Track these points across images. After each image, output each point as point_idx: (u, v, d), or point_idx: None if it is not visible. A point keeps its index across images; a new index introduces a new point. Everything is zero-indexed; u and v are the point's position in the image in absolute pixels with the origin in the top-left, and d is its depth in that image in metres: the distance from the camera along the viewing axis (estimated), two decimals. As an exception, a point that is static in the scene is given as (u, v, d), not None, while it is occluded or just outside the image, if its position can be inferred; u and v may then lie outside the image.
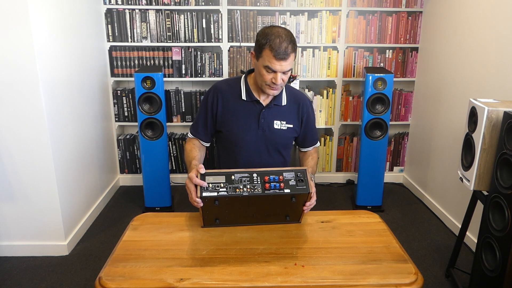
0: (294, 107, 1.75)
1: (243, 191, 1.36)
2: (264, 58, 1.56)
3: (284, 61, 1.53)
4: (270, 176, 1.38)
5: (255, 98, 1.69)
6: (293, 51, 1.55)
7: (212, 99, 1.73)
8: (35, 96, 2.37)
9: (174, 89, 3.58)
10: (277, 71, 1.55)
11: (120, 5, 3.38)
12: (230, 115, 1.71)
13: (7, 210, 2.56)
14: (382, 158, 3.22)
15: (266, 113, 1.69)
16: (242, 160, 1.74)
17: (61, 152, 2.62)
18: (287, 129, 1.73)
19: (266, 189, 1.36)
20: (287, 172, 1.38)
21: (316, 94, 3.62)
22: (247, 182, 1.38)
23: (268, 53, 1.53)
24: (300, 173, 1.37)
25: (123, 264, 1.30)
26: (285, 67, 1.55)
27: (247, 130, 1.70)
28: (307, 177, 1.37)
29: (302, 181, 1.36)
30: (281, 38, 1.52)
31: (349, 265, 1.29)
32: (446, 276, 2.44)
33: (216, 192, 1.36)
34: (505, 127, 1.76)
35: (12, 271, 2.49)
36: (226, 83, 1.77)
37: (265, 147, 1.73)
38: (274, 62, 1.53)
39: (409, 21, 3.52)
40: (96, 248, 2.76)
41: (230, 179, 1.39)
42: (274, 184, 1.36)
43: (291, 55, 1.54)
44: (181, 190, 3.64)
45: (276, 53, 1.52)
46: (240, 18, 3.43)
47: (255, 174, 1.39)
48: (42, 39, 2.40)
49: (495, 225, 1.83)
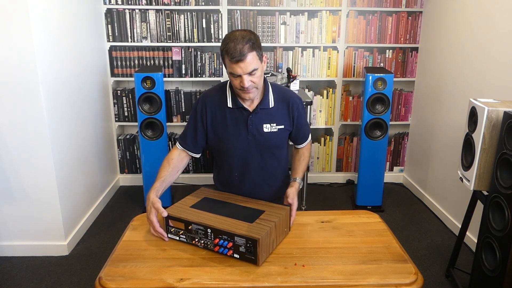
0: (283, 107, 1.72)
1: (199, 243, 1.38)
2: (226, 65, 1.55)
3: (242, 62, 1.49)
4: (221, 239, 1.32)
5: (240, 105, 1.67)
6: (251, 50, 1.50)
7: (200, 109, 1.72)
8: (35, 96, 2.37)
9: (174, 89, 3.58)
10: (240, 74, 1.52)
11: (120, 5, 3.38)
12: (219, 123, 1.71)
13: (7, 210, 2.56)
14: (382, 158, 3.22)
15: (254, 118, 1.67)
16: (236, 165, 1.74)
17: (61, 152, 2.62)
18: (278, 131, 1.71)
19: (215, 251, 1.34)
20: (239, 237, 1.29)
21: (316, 94, 3.62)
22: (202, 235, 1.37)
23: (227, 59, 1.52)
24: (250, 243, 1.26)
25: (123, 264, 1.30)
26: (245, 69, 1.51)
27: (237, 137, 1.69)
28: (257, 248, 1.26)
29: (251, 252, 1.27)
30: (236, 41, 1.49)
31: (349, 265, 1.29)
32: (446, 276, 2.44)
33: (178, 237, 1.44)
34: (505, 127, 1.76)
35: (12, 271, 2.49)
36: (213, 91, 1.75)
37: (258, 151, 1.71)
38: (233, 66, 1.51)
39: (409, 21, 3.52)
40: (96, 248, 2.76)
41: (188, 228, 1.40)
42: (223, 248, 1.32)
43: (248, 55, 1.49)
44: (181, 190, 3.64)
45: (231, 57, 1.49)
46: (240, 18, 3.43)
47: (209, 230, 1.34)
48: (42, 39, 2.40)
49: (495, 225, 1.83)
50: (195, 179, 3.80)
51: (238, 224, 1.35)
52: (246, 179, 1.75)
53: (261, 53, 1.57)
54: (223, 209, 1.48)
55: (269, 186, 1.78)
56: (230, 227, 1.33)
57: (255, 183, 1.75)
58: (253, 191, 1.73)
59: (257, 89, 1.61)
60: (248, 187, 1.75)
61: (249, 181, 1.75)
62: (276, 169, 1.78)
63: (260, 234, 1.28)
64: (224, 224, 1.35)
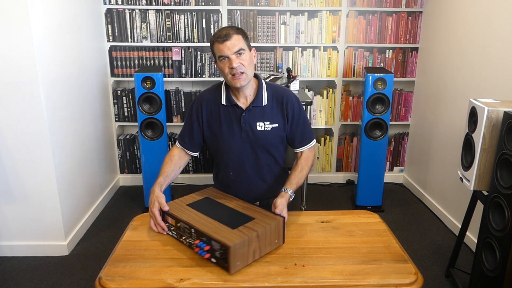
0: (277, 105, 1.71)
1: (185, 241, 1.40)
2: (215, 52, 1.60)
3: (228, 41, 1.55)
4: (201, 240, 1.32)
5: (234, 102, 1.68)
6: (237, 33, 1.58)
7: (196, 108, 1.75)
8: (35, 96, 2.37)
9: (174, 89, 3.58)
10: (227, 55, 1.56)
11: (120, 5, 3.38)
12: (214, 121, 1.72)
13: (7, 210, 2.56)
14: (382, 158, 3.22)
15: (247, 116, 1.68)
16: (232, 163, 1.75)
17: (61, 152, 2.62)
18: (271, 129, 1.69)
19: (195, 251, 1.34)
20: (215, 242, 1.26)
21: (316, 94, 3.62)
22: (187, 234, 1.39)
23: (215, 45, 1.59)
24: (223, 249, 1.24)
25: (123, 264, 1.30)
26: (232, 47, 1.56)
27: (231, 135, 1.70)
28: (229, 256, 1.22)
29: (224, 259, 1.24)
30: (222, 29, 1.59)
31: (349, 265, 1.29)
32: (446, 276, 2.44)
33: (171, 233, 1.47)
34: (505, 127, 1.76)
35: (12, 271, 2.49)
36: (209, 91, 1.78)
37: (252, 150, 1.71)
38: (220, 47, 1.56)
39: (409, 21, 3.52)
40: (96, 248, 2.76)
41: (177, 225, 1.43)
42: (201, 250, 1.30)
43: (234, 36, 1.56)
44: (181, 190, 3.64)
45: (218, 38, 1.57)
46: (240, 18, 3.43)
47: (193, 230, 1.35)
48: (42, 39, 2.40)
49: (495, 225, 1.82)
50: (195, 179, 3.80)
51: (219, 228, 1.33)
52: (242, 177, 1.75)
53: (249, 43, 1.64)
54: (214, 211, 1.47)
55: (265, 182, 1.78)
56: (209, 230, 1.31)
57: (251, 180, 1.75)
58: (249, 189, 1.75)
59: (247, 75, 1.61)
60: (244, 185, 1.76)
61: (245, 179, 1.75)
62: (271, 166, 1.77)
63: (234, 241, 1.23)
64: (206, 226, 1.34)
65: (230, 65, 1.56)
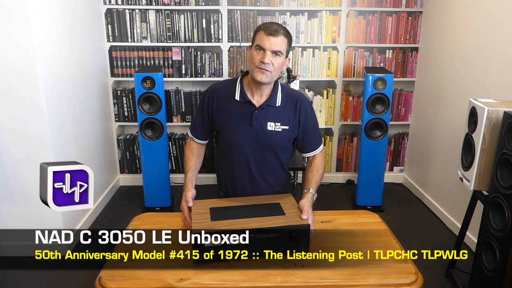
0: (290, 108, 1.71)
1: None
2: (256, 39, 1.61)
3: (274, 37, 1.56)
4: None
5: (248, 99, 1.68)
6: (285, 35, 1.59)
7: (208, 99, 1.75)
8: (35, 96, 2.36)
9: (174, 89, 3.58)
10: (266, 48, 1.56)
11: (120, 5, 3.38)
12: (224, 115, 1.72)
13: (7, 210, 2.56)
14: (382, 158, 3.22)
15: (259, 114, 1.68)
16: (236, 161, 1.74)
17: (61, 152, 2.62)
18: (282, 131, 1.69)
19: None
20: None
21: (316, 94, 3.62)
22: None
23: (260, 32, 1.59)
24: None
25: (123, 264, 1.30)
26: (274, 45, 1.56)
27: (240, 131, 1.69)
28: None
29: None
30: (275, 23, 1.61)
31: (349, 265, 1.29)
32: (446, 276, 2.44)
33: None
34: (505, 127, 1.76)
35: (12, 271, 2.49)
36: (222, 84, 1.78)
37: (259, 149, 1.71)
38: (264, 37, 1.57)
39: (409, 21, 3.52)
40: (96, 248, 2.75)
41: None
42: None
43: (281, 36, 1.58)
44: (181, 190, 3.63)
45: (266, 29, 1.57)
46: (240, 18, 3.43)
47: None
48: (42, 39, 2.40)
49: (495, 225, 1.82)
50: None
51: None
52: (246, 175, 1.75)
53: (289, 51, 1.66)
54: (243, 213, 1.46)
55: (268, 184, 1.78)
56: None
57: (254, 180, 1.75)
58: (252, 188, 1.75)
59: (272, 76, 1.61)
60: (247, 184, 1.76)
61: (249, 177, 1.75)
62: (276, 168, 1.77)
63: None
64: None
65: (262, 58, 1.57)
